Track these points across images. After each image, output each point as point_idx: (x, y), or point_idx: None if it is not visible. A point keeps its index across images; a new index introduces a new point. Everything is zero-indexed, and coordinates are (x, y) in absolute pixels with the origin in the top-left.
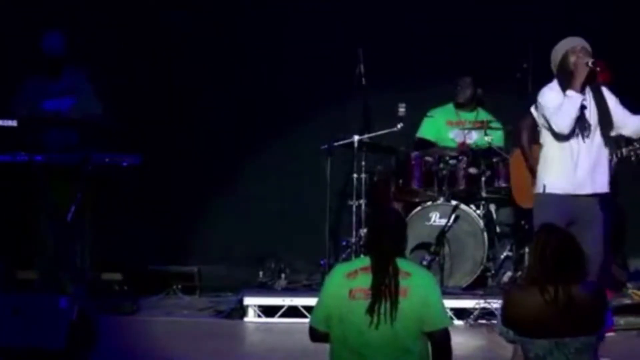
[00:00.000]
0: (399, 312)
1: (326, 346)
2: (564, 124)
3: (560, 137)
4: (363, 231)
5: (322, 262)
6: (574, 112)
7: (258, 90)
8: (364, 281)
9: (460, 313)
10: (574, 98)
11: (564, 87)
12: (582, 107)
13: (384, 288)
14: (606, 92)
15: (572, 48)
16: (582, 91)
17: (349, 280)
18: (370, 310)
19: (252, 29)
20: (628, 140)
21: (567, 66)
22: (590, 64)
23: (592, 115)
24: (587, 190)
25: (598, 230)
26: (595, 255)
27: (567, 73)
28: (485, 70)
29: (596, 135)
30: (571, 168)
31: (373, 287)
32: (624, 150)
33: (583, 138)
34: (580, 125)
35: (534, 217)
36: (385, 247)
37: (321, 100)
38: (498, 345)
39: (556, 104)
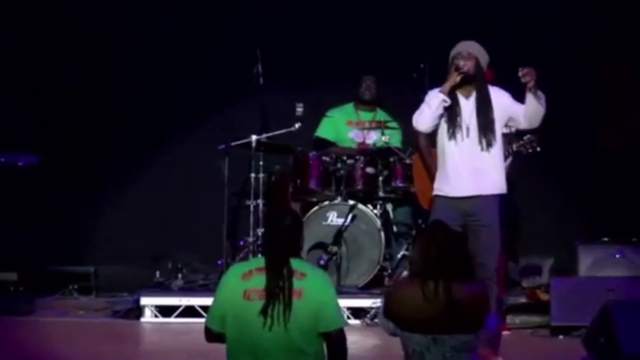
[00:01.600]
0: (293, 313)
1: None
2: (418, 120)
3: (438, 140)
4: (260, 231)
5: (219, 262)
6: (429, 112)
7: (155, 90)
8: (259, 282)
9: (357, 312)
10: (433, 98)
11: None
12: (449, 109)
13: (278, 289)
14: (496, 93)
15: (458, 52)
16: (451, 94)
17: (244, 280)
18: (264, 312)
19: (149, 29)
20: (517, 135)
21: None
22: (458, 66)
23: (472, 118)
24: (471, 192)
25: (490, 232)
26: (489, 257)
27: None
28: (384, 71)
29: (480, 138)
30: (451, 171)
31: (267, 288)
32: (514, 146)
33: (462, 140)
34: (456, 128)
35: (430, 219)
36: (280, 248)
37: (219, 100)
38: (394, 344)
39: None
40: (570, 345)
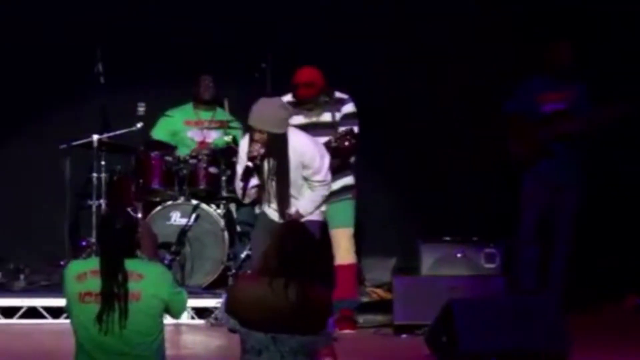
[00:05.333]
0: (132, 317)
1: (69, 347)
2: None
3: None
4: None
5: (61, 263)
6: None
7: None
8: (94, 285)
9: (201, 312)
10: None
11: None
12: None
13: (113, 295)
14: (301, 143)
15: (251, 128)
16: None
17: (79, 282)
18: (99, 317)
19: None
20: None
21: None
22: (252, 157)
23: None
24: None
25: None
26: None
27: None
28: (225, 71)
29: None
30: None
31: (102, 293)
32: (333, 142)
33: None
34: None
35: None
36: (112, 253)
37: (60, 99)
38: (239, 344)
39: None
40: (413, 344)
